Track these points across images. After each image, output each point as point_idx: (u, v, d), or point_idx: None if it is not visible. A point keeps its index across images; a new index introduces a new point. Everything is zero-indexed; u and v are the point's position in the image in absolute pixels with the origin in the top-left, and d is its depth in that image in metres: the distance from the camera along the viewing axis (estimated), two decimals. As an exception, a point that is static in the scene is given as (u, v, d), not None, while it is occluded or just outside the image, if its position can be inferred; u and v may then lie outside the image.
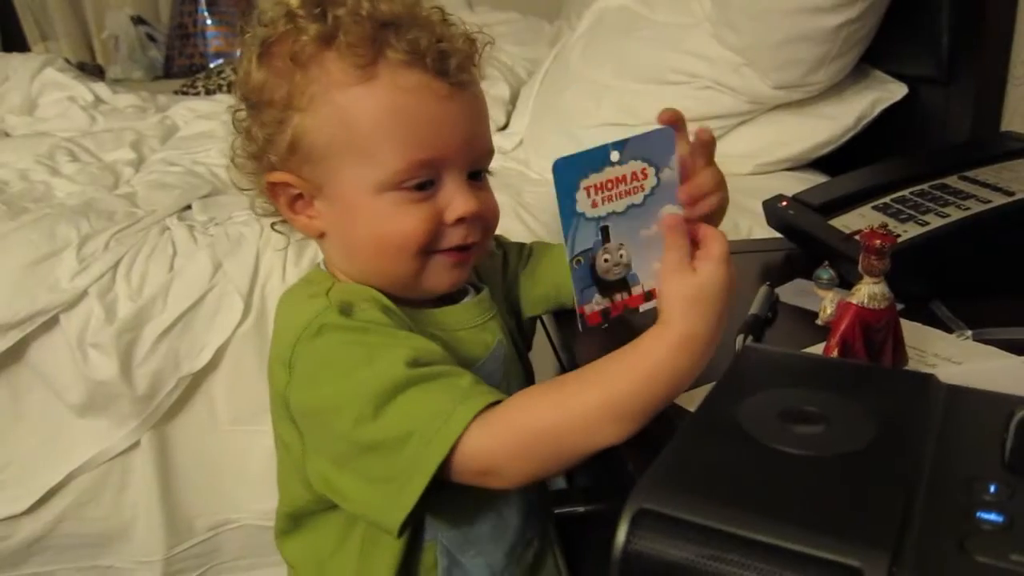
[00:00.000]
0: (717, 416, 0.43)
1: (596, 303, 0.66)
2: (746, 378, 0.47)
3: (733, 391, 0.45)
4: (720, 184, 0.71)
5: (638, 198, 0.64)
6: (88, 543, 1.34)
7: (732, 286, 0.62)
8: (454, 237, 0.72)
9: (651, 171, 0.64)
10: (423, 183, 0.69)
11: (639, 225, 0.65)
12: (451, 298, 0.78)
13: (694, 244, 0.64)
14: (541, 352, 0.91)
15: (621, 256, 0.65)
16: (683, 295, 0.61)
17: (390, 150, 0.67)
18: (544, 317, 0.90)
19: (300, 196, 0.72)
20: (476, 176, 0.73)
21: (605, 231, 0.64)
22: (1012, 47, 1.22)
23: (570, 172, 0.61)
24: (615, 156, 0.62)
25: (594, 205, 0.63)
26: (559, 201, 0.62)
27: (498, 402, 0.63)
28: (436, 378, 0.64)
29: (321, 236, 0.74)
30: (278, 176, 0.71)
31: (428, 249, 0.71)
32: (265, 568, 1.37)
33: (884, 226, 0.61)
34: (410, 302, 0.74)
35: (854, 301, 0.62)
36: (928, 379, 0.46)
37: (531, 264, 0.88)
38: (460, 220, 0.71)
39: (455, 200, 0.70)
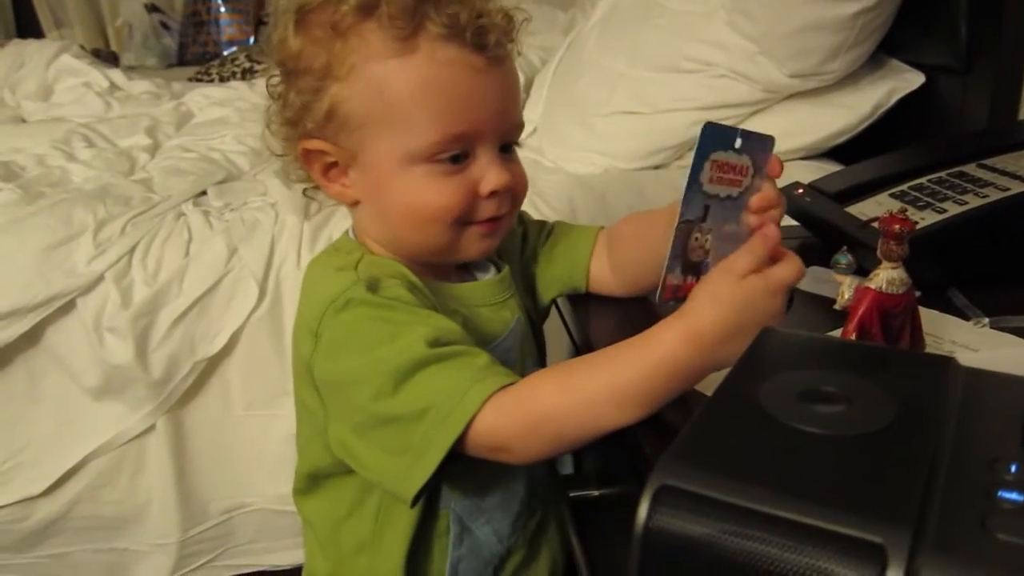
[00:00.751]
0: (737, 396, 0.43)
1: (674, 277, 0.66)
2: (765, 360, 0.47)
3: (752, 372, 0.45)
4: (781, 202, 0.71)
5: (734, 192, 0.64)
6: (103, 525, 1.36)
7: (772, 314, 0.61)
8: (487, 209, 0.73)
9: (751, 172, 0.64)
10: (456, 155, 0.70)
11: (724, 218, 0.65)
12: (472, 275, 0.80)
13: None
14: (555, 332, 0.91)
15: (706, 240, 0.66)
16: (714, 291, 0.61)
17: (426, 123, 0.69)
18: (559, 301, 0.90)
19: (334, 164, 0.73)
20: (506, 149, 0.75)
21: (707, 210, 0.64)
22: (1031, 36, 1.21)
23: (712, 140, 0.61)
24: (738, 144, 0.62)
25: (710, 181, 0.63)
26: (693, 163, 0.61)
27: (512, 383, 0.64)
28: (454, 357, 0.66)
29: (354, 204, 0.76)
30: (314, 144, 0.72)
31: (463, 221, 0.73)
32: (279, 552, 1.38)
33: (903, 211, 0.61)
34: (434, 275, 0.76)
35: (872, 286, 0.62)
36: (948, 361, 0.46)
37: (550, 242, 0.89)
38: (493, 193, 0.72)
39: (488, 173, 0.72)
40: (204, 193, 1.43)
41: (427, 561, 0.77)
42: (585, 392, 0.63)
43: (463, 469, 0.67)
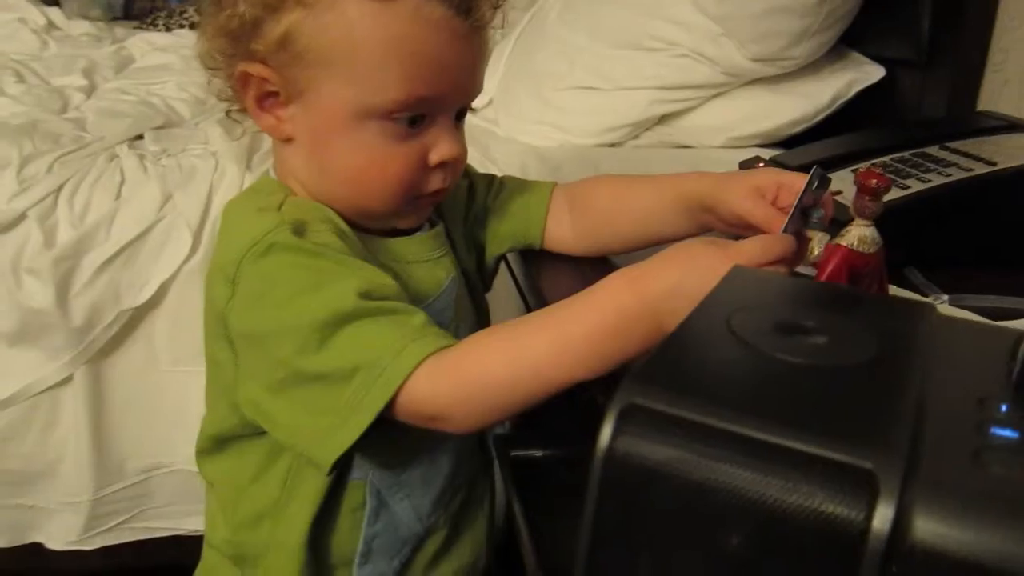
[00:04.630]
0: (710, 325, 0.39)
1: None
2: (737, 295, 0.44)
3: (724, 304, 0.42)
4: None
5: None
6: (9, 480, 1.28)
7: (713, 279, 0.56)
8: (435, 181, 0.68)
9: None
10: (415, 118, 0.65)
11: None
12: (403, 228, 0.75)
13: None
14: (505, 293, 0.87)
15: None
16: (686, 248, 0.58)
17: (394, 78, 0.62)
18: (509, 257, 0.87)
19: (274, 94, 0.66)
20: (460, 115, 0.70)
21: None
22: (993, 32, 1.22)
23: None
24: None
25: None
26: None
27: (450, 345, 0.60)
28: (388, 313, 0.60)
29: (288, 141, 0.68)
30: (257, 68, 0.64)
31: (411, 194, 0.68)
32: (196, 516, 1.31)
33: (880, 168, 0.59)
34: (364, 226, 0.70)
35: (843, 243, 0.59)
36: (925, 305, 0.44)
37: (502, 197, 0.84)
38: (442, 164, 0.67)
39: (441, 142, 0.67)
40: (141, 137, 1.36)
41: (333, 535, 0.72)
42: (529, 353, 0.58)
43: (385, 437, 0.61)
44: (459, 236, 0.81)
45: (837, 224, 0.63)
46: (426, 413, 0.60)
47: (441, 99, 0.66)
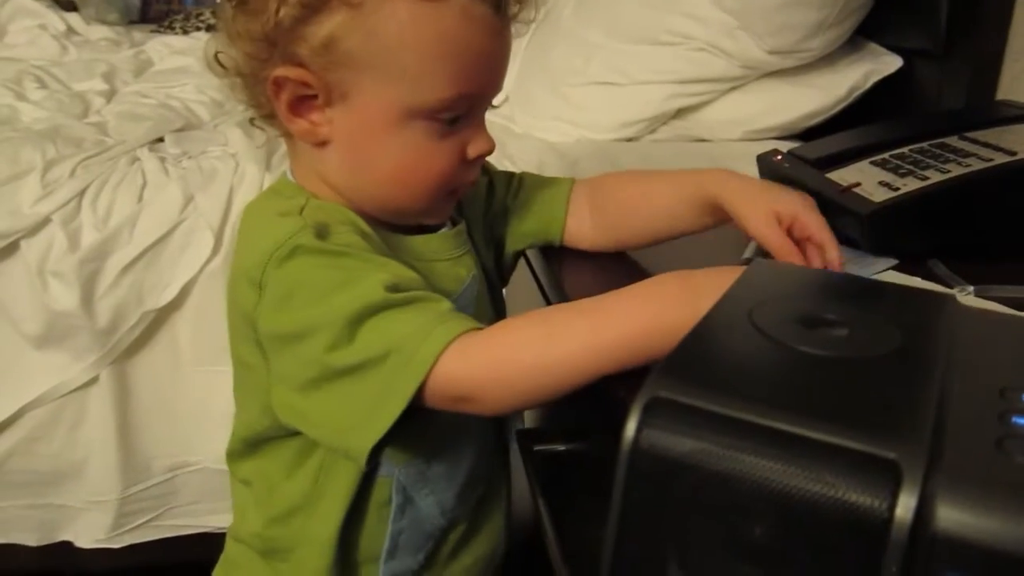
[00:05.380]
0: (732, 318, 0.40)
1: None
2: (758, 288, 0.44)
3: (746, 299, 0.42)
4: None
5: None
6: (38, 480, 1.30)
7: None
8: (471, 175, 0.69)
9: None
10: (456, 117, 0.65)
11: None
12: (425, 226, 0.75)
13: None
14: (520, 289, 0.88)
15: None
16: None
17: (443, 78, 0.63)
18: (529, 253, 0.87)
19: (311, 97, 0.65)
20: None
21: None
22: (1012, 21, 1.21)
23: None
24: None
25: None
26: None
27: (479, 328, 0.60)
28: (414, 302, 0.61)
29: (321, 144, 0.67)
30: (296, 72, 0.63)
31: (451, 188, 0.69)
32: (222, 514, 1.33)
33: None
34: (386, 226, 0.70)
35: None
36: (947, 297, 0.44)
37: (522, 195, 0.84)
38: (478, 157, 0.68)
39: (478, 137, 0.67)
40: (161, 140, 1.37)
41: (361, 532, 0.73)
42: (562, 347, 0.58)
43: (411, 433, 0.61)
44: (479, 233, 0.81)
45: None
46: (457, 394, 0.59)
47: (482, 95, 0.67)
